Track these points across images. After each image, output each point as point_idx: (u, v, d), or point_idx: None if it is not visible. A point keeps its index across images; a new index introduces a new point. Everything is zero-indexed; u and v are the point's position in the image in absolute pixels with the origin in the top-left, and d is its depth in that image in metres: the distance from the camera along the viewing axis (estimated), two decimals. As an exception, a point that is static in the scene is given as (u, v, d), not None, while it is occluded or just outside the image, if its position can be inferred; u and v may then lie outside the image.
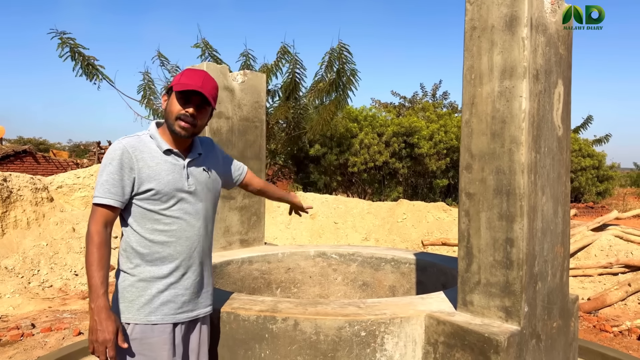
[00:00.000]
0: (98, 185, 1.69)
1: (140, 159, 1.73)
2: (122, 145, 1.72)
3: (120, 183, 1.69)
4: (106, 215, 1.68)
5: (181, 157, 1.82)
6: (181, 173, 1.80)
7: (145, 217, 1.74)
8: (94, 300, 1.60)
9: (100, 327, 1.59)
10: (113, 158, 1.70)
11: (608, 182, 18.37)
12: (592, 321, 5.14)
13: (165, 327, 1.75)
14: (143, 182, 1.72)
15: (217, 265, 3.11)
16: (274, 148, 12.92)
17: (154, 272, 1.75)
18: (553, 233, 2.08)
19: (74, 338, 4.37)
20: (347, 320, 1.96)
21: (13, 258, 6.17)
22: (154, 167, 1.74)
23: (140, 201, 1.74)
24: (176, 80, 1.76)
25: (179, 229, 1.78)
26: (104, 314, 1.60)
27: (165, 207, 1.75)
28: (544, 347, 2.04)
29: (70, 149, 33.36)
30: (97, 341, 1.60)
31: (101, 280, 1.62)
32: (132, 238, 1.75)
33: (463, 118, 2.05)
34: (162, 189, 1.74)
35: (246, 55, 11.10)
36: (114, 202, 1.68)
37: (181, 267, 1.79)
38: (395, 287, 3.38)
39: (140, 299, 1.73)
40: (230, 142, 3.61)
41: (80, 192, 7.85)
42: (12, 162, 17.11)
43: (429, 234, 8.79)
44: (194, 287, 1.84)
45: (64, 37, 9.24)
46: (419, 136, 13.66)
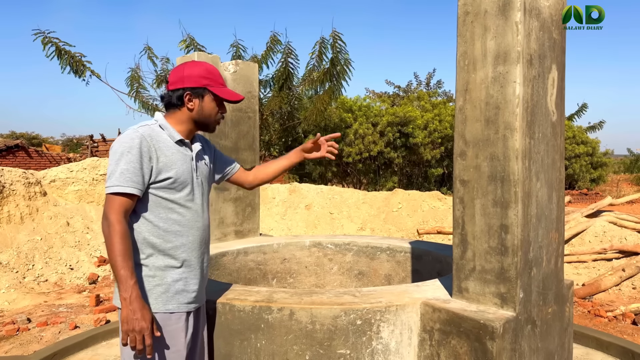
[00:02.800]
0: (116, 174, 1.65)
1: (157, 148, 1.74)
2: (139, 134, 1.72)
3: (140, 172, 1.68)
4: (126, 204, 1.66)
5: (189, 149, 1.87)
6: (190, 164, 1.84)
7: (160, 205, 1.76)
8: (126, 291, 1.59)
9: (136, 316, 1.59)
10: (132, 147, 1.68)
11: (602, 168, 18.46)
12: (586, 306, 5.18)
13: (181, 315, 1.78)
14: (161, 170, 1.74)
15: (212, 256, 3.10)
16: (268, 139, 12.87)
17: (168, 262, 1.76)
18: (548, 219, 2.08)
19: (70, 332, 4.36)
20: (343, 309, 1.96)
21: (7, 253, 6.13)
22: (170, 157, 1.77)
23: (157, 190, 1.75)
24: (207, 81, 1.82)
25: (191, 218, 1.82)
26: (138, 303, 1.60)
27: (180, 196, 1.79)
28: (540, 332, 2.05)
29: (64, 143, 33.11)
30: (135, 330, 1.59)
31: (130, 270, 1.61)
32: (144, 228, 1.75)
33: (457, 105, 2.04)
34: (179, 177, 1.77)
35: (236, 46, 11.01)
36: (136, 190, 1.67)
37: (193, 257, 1.83)
38: (391, 276, 3.38)
39: (157, 289, 1.74)
40: (223, 133, 3.58)
41: (73, 185, 7.80)
42: (4, 156, 16.98)
43: (424, 222, 8.81)
44: (202, 276, 1.88)
45: (47, 36, 9.13)
46: (413, 125, 13.64)
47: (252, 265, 3.39)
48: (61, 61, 9.36)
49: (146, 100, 11.00)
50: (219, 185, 3.57)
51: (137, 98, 10.94)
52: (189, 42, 10.70)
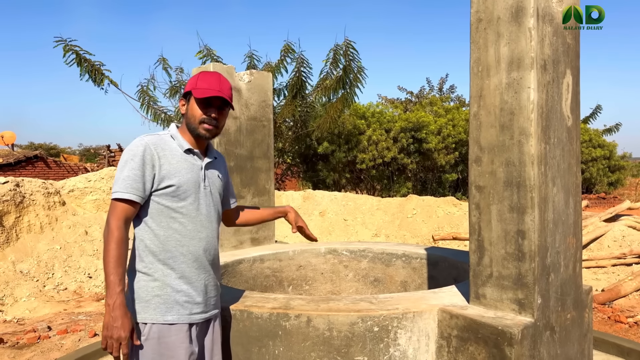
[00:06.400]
0: (119, 181, 1.69)
1: (162, 156, 1.76)
2: (144, 142, 1.75)
3: (142, 179, 1.71)
4: (127, 211, 1.69)
5: (200, 158, 1.87)
6: (199, 173, 1.84)
7: (162, 213, 1.76)
8: (111, 297, 1.60)
9: (115, 323, 1.59)
10: (135, 154, 1.71)
11: (619, 172, 18.18)
12: (606, 312, 5.10)
13: (181, 327, 1.76)
14: (164, 178, 1.75)
15: (228, 264, 3.13)
16: (281, 147, 12.94)
17: (168, 272, 1.76)
18: (565, 224, 2.07)
19: (90, 339, 4.42)
20: (360, 316, 1.97)
21: (28, 262, 6.25)
22: (174, 165, 1.78)
23: (159, 197, 1.76)
24: (193, 85, 1.81)
25: (193, 228, 1.81)
26: (120, 311, 1.61)
27: (182, 205, 1.78)
28: (559, 338, 2.03)
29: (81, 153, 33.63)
30: (112, 337, 1.60)
31: (119, 277, 1.62)
32: (146, 236, 1.76)
33: (471, 111, 2.05)
34: (182, 185, 1.77)
35: (250, 56, 11.14)
36: (136, 197, 1.69)
37: (195, 267, 1.81)
38: (406, 283, 3.38)
39: (156, 299, 1.74)
40: (238, 141, 3.63)
41: (91, 195, 7.93)
42: (24, 167, 17.30)
43: (439, 228, 8.76)
44: (206, 287, 1.86)
45: (69, 44, 9.35)
46: (426, 131, 13.61)
47: (268, 272, 3.41)
48: (81, 69, 9.57)
49: (159, 111, 11.15)
50: (235, 194, 3.60)
51: (149, 110, 11.11)
52: (206, 52, 10.85)
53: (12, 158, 16.36)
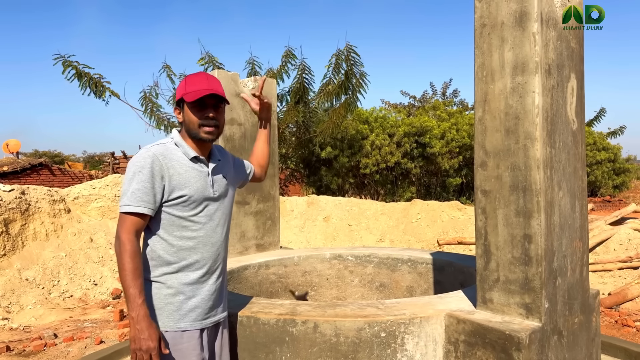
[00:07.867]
0: (128, 194, 1.69)
1: (170, 166, 1.76)
2: (151, 153, 1.74)
3: (151, 191, 1.70)
4: (137, 224, 1.69)
5: (205, 165, 1.86)
6: (206, 180, 1.84)
7: (174, 224, 1.77)
8: (134, 310, 1.60)
9: (142, 335, 1.59)
10: (144, 166, 1.71)
11: (625, 175, 18.11)
12: (613, 316, 5.07)
13: (194, 333, 1.77)
14: (174, 189, 1.75)
15: (234, 270, 3.13)
16: (285, 152, 12.96)
17: (181, 279, 1.77)
18: (571, 228, 2.07)
19: (96, 347, 4.42)
20: (367, 322, 1.97)
21: (33, 269, 6.27)
22: (183, 175, 1.78)
23: (170, 208, 1.76)
24: (182, 91, 1.80)
25: (205, 235, 1.82)
26: (145, 322, 1.60)
27: (194, 214, 1.79)
28: (566, 343, 2.03)
29: (85, 160, 33.75)
30: (141, 349, 1.59)
31: (138, 289, 1.61)
32: (158, 246, 1.76)
33: (476, 115, 2.05)
34: (193, 195, 1.77)
35: (252, 63, 11.20)
36: (147, 210, 1.69)
37: (207, 273, 1.83)
38: (412, 288, 3.37)
39: (169, 307, 1.74)
40: (243, 148, 3.64)
41: (96, 202, 7.95)
42: (28, 175, 17.38)
43: (444, 233, 8.75)
44: (217, 292, 1.87)
45: (67, 60, 9.43)
46: (430, 135, 13.61)
47: (273, 278, 3.42)
48: (81, 83, 9.64)
49: (162, 118, 11.20)
50: (240, 200, 3.61)
51: (152, 116, 11.16)
52: (208, 59, 10.90)
53: (17, 166, 16.44)
